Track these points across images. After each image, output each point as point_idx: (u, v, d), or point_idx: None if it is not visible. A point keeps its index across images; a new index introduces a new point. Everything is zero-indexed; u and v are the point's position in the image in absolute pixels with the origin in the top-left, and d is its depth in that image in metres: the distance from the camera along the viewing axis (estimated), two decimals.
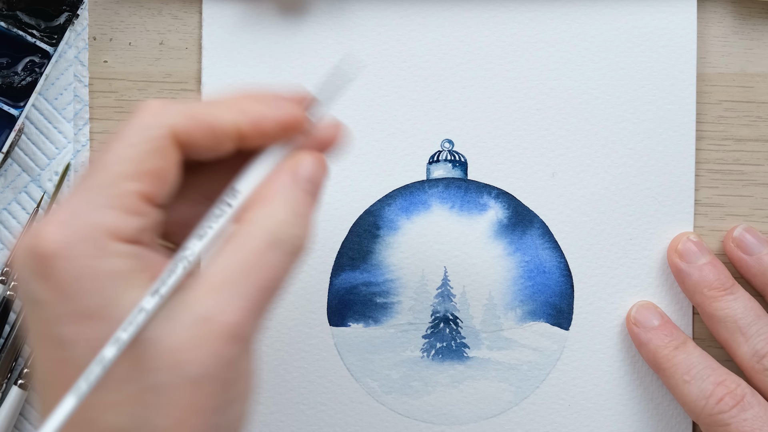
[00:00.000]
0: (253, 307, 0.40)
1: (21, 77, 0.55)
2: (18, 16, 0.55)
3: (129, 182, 0.41)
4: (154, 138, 0.41)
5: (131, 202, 0.41)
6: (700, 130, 0.56)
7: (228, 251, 0.41)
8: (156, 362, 0.39)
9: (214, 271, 0.40)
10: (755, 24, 0.56)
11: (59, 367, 0.40)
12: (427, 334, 0.56)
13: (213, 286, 0.40)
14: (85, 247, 0.39)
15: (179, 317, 0.39)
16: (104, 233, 0.40)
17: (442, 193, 0.56)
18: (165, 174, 0.41)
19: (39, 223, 0.41)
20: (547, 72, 0.56)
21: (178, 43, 0.56)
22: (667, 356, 0.53)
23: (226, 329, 0.39)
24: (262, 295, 0.40)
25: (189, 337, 0.39)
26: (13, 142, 0.54)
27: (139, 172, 0.41)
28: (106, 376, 0.39)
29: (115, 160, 0.41)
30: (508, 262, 0.56)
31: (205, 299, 0.40)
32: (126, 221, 0.40)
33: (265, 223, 0.41)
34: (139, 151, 0.41)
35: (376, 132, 0.56)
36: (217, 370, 0.39)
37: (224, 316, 0.39)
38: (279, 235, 0.41)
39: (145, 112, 0.42)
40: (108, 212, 0.40)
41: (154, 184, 0.41)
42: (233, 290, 0.40)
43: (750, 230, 0.55)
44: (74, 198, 0.41)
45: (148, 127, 0.41)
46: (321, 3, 0.56)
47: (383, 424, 0.56)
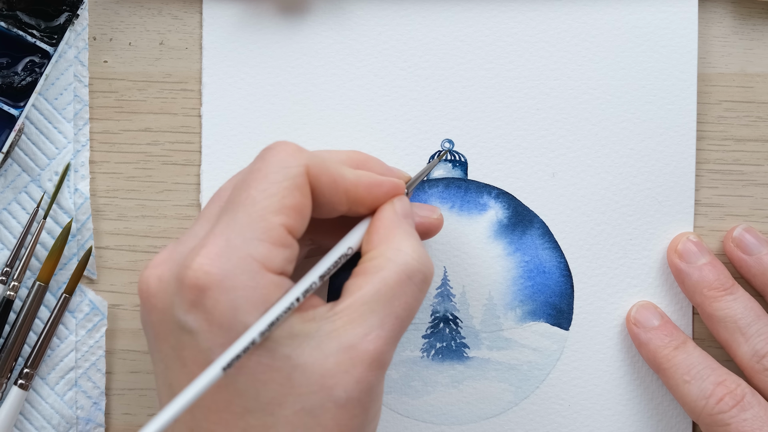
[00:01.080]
0: (391, 335, 0.45)
1: (21, 77, 0.55)
2: (18, 16, 0.55)
3: (276, 216, 0.44)
4: (294, 176, 0.45)
5: (279, 234, 0.44)
6: (700, 130, 0.56)
7: (367, 284, 0.45)
8: (307, 387, 0.43)
9: (355, 302, 0.44)
10: (755, 24, 0.56)
11: (212, 393, 0.44)
12: (426, 334, 0.56)
13: (355, 316, 0.44)
14: (242, 279, 0.43)
15: (326, 345, 0.43)
16: (258, 265, 0.43)
17: (442, 193, 0.56)
18: (304, 209, 0.45)
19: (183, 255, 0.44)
20: (547, 72, 0.56)
21: (178, 43, 0.56)
22: (667, 356, 0.53)
23: (368, 356, 0.44)
24: (398, 324, 0.45)
25: (336, 364, 0.43)
26: (13, 142, 0.54)
27: (285, 206, 0.44)
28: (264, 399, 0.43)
29: (262, 196, 0.44)
30: (507, 262, 0.56)
31: (349, 329, 0.44)
32: (275, 253, 0.44)
33: (398, 256, 0.46)
34: (283, 188, 0.44)
35: (376, 132, 0.56)
36: (361, 394, 0.44)
37: (367, 344, 0.44)
38: (413, 267, 0.46)
39: (283, 152, 0.46)
40: (260, 245, 0.44)
41: (296, 218, 0.45)
42: (375, 320, 0.44)
43: (750, 230, 0.55)
44: (224, 231, 0.44)
45: (288, 166, 0.45)
46: (321, 3, 0.56)
47: (383, 424, 0.56)
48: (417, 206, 0.52)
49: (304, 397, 0.43)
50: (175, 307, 0.44)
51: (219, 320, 0.43)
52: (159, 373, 0.46)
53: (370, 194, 0.48)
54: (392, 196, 0.49)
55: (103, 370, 0.56)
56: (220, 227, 0.44)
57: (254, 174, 0.45)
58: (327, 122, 0.56)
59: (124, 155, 0.56)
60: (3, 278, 0.55)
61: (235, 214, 0.44)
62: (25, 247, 0.55)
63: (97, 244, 0.56)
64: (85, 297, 0.56)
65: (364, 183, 0.47)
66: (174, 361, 0.44)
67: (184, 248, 0.45)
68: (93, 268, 0.56)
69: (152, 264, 0.46)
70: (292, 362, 0.43)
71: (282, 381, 0.43)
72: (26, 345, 0.55)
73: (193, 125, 0.56)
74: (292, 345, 0.43)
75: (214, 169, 0.56)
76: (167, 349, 0.45)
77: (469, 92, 0.56)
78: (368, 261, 0.46)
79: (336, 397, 0.43)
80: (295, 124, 0.56)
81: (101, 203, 0.56)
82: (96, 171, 0.56)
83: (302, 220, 0.45)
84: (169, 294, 0.44)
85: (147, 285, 0.45)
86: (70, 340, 0.56)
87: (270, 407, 0.43)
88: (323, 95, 0.56)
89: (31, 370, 0.55)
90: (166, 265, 0.45)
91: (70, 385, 0.56)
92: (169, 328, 0.44)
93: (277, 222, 0.44)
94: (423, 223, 0.51)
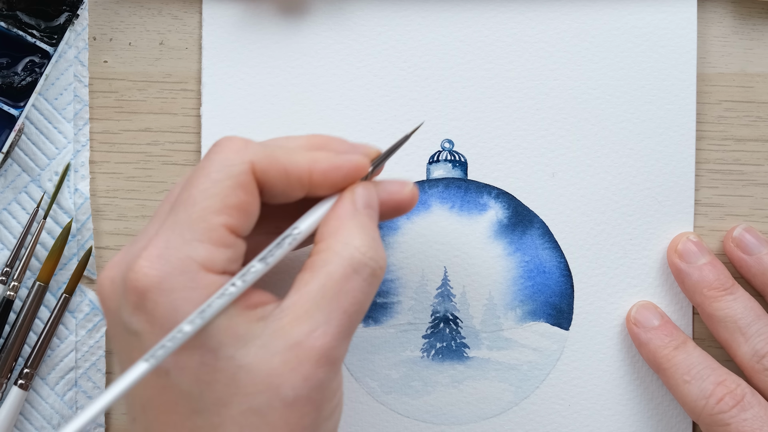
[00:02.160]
0: (340, 331, 0.44)
1: (21, 77, 0.55)
2: (18, 16, 0.55)
3: (217, 216, 0.44)
4: (237, 174, 0.44)
5: (220, 235, 0.44)
6: (700, 130, 0.56)
7: (313, 279, 0.44)
8: (253, 387, 0.42)
9: (300, 298, 0.44)
10: (755, 24, 0.56)
11: (160, 394, 0.43)
12: (427, 334, 0.56)
13: (301, 313, 0.43)
14: (180, 281, 0.43)
15: (272, 344, 0.43)
16: (197, 266, 0.43)
17: (442, 193, 0.56)
18: (248, 207, 0.44)
19: (131, 256, 0.44)
20: (547, 72, 0.56)
21: (178, 43, 0.56)
22: (667, 356, 0.53)
23: (316, 353, 0.43)
24: (347, 319, 0.44)
25: (282, 362, 0.43)
26: (13, 142, 0.54)
27: (226, 206, 0.44)
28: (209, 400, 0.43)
29: (203, 196, 0.44)
30: (508, 262, 0.56)
31: (294, 326, 0.43)
32: (216, 254, 0.43)
33: (345, 250, 0.44)
34: (225, 186, 0.44)
35: (376, 132, 0.56)
36: (310, 392, 0.43)
37: (314, 341, 0.43)
38: (359, 261, 0.44)
39: (227, 149, 0.45)
40: (199, 246, 0.43)
41: (239, 217, 0.44)
42: (321, 316, 0.43)
43: (750, 230, 0.55)
44: (165, 232, 0.44)
45: (231, 164, 0.44)
46: (321, 3, 0.56)
47: (383, 424, 0.56)
48: (387, 182, 0.49)
49: (251, 396, 0.43)
50: (122, 309, 0.44)
51: (160, 321, 0.42)
52: (117, 373, 0.46)
53: (327, 179, 0.46)
54: (354, 178, 0.47)
55: (104, 370, 0.56)
56: (162, 228, 0.44)
57: (198, 173, 0.45)
58: (327, 122, 0.56)
59: (124, 155, 0.56)
60: (3, 278, 0.55)
61: (176, 215, 0.44)
62: (25, 247, 0.55)
63: (97, 244, 0.56)
64: (85, 297, 0.56)
65: (320, 168, 0.46)
66: (126, 362, 0.44)
67: (134, 249, 0.45)
68: (93, 268, 0.56)
69: (107, 266, 0.46)
70: (236, 362, 0.43)
71: (227, 381, 0.43)
72: (26, 345, 0.55)
73: (193, 125, 0.56)
74: (237, 345, 0.43)
75: None
76: (119, 351, 0.45)
77: (469, 92, 0.56)
78: (315, 254, 0.45)
79: (283, 396, 0.43)
80: (295, 124, 0.56)
81: (101, 203, 0.56)
82: (96, 171, 0.56)
83: (247, 218, 0.45)
84: (118, 296, 0.44)
85: (101, 287, 0.45)
86: (70, 340, 0.56)
87: (216, 407, 0.43)
88: (323, 95, 0.56)
89: (31, 370, 0.55)
90: (117, 267, 0.45)
91: (70, 385, 0.56)
92: (119, 329, 0.44)
93: (218, 222, 0.44)
94: (392, 199, 0.48)
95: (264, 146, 0.46)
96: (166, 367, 0.43)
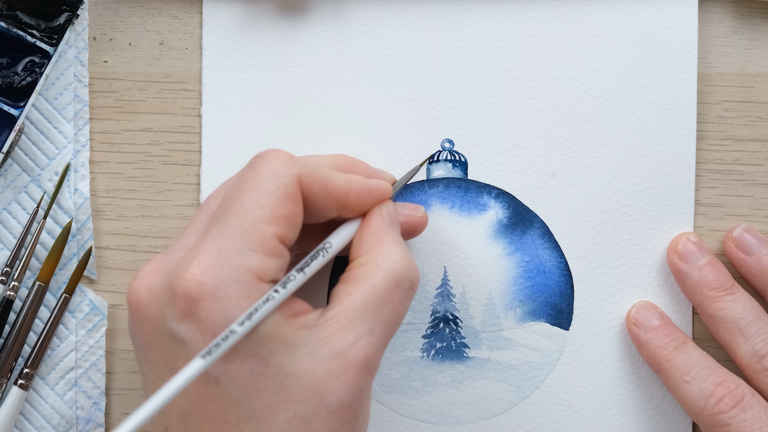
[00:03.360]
0: (380, 341, 0.45)
1: (21, 77, 0.55)
2: (18, 16, 0.55)
3: (269, 226, 0.44)
4: (287, 185, 0.45)
5: (272, 244, 0.44)
6: (700, 130, 0.56)
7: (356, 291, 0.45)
8: (300, 394, 0.44)
9: (345, 309, 0.45)
10: (755, 24, 0.56)
11: (206, 402, 0.44)
12: (426, 334, 0.56)
13: (345, 323, 0.45)
14: (234, 290, 0.43)
15: (318, 352, 0.44)
16: (251, 275, 0.44)
17: (442, 193, 0.56)
18: (296, 218, 0.45)
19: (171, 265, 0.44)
20: (547, 72, 0.56)
21: (178, 43, 0.56)
22: (666, 356, 0.53)
23: (359, 362, 0.44)
24: (387, 330, 0.46)
25: (327, 371, 0.44)
26: (13, 142, 0.54)
27: (277, 216, 0.44)
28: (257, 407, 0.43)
29: (255, 206, 0.44)
30: (507, 262, 0.56)
31: (339, 335, 0.44)
32: (268, 263, 0.44)
33: (386, 263, 0.46)
34: (276, 197, 0.45)
35: (376, 132, 0.56)
36: (351, 400, 0.44)
37: (358, 351, 0.44)
38: (401, 274, 0.46)
39: (276, 160, 0.46)
40: (252, 255, 0.44)
41: (288, 228, 0.45)
42: (364, 326, 0.45)
43: (750, 230, 0.55)
44: (215, 241, 0.44)
45: (281, 175, 0.45)
46: (321, 3, 0.56)
47: (383, 424, 0.56)
48: (401, 205, 0.52)
49: (297, 404, 0.43)
50: (167, 317, 0.44)
51: (212, 330, 0.43)
52: (149, 383, 0.46)
53: (360, 200, 0.48)
54: (380, 201, 0.49)
55: (103, 370, 0.56)
56: (211, 237, 0.44)
57: (246, 183, 0.45)
58: (327, 122, 0.56)
59: (124, 155, 0.56)
60: (3, 278, 0.55)
61: (227, 224, 0.44)
62: (25, 247, 0.55)
63: (97, 244, 0.56)
64: (85, 297, 0.56)
65: (355, 189, 0.48)
66: (166, 371, 0.44)
67: (174, 258, 0.45)
68: (93, 268, 0.56)
69: (141, 274, 0.46)
70: (285, 370, 0.43)
71: (275, 389, 0.43)
72: (26, 345, 0.55)
73: (193, 125, 0.56)
74: (285, 353, 0.44)
75: (214, 169, 0.56)
76: (158, 359, 0.45)
77: (469, 92, 0.56)
78: (357, 267, 0.46)
79: (328, 404, 0.44)
80: (295, 124, 0.56)
81: (101, 203, 0.56)
82: (96, 171, 0.56)
83: (294, 229, 0.46)
84: (160, 304, 0.44)
85: (137, 295, 0.45)
86: (70, 340, 0.56)
87: (264, 415, 0.43)
88: (323, 95, 0.56)
89: (31, 370, 0.55)
90: (156, 275, 0.45)
91: (70, 385, 0.56)
92: (160, 338, 0.44)
93: (270, 232, 0.44)
94: (408, 222, 0.52)
95: (306, 162, 0.47)
96: (217, 375, 0.43)
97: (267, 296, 0.44)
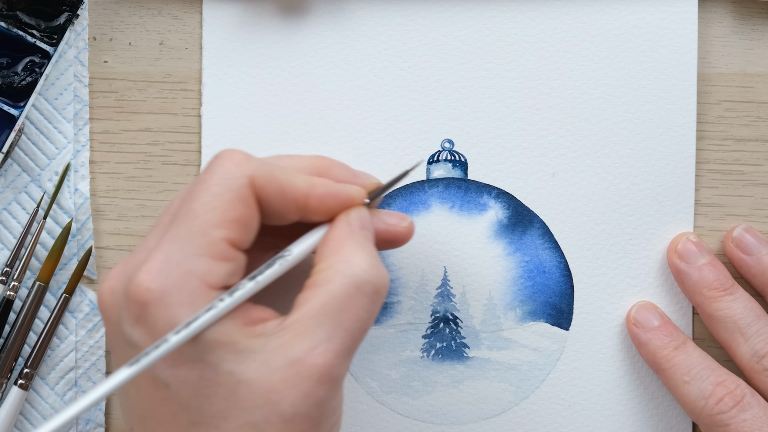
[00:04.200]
0: (341, 349, 0.43)
1: (21, 77, 0.55)
2: (18, 16, 0.55)
3: (218, 230, 0.44)
4: (237, 187, 0.44)
5: (221, 248, 0.44)
6: (700, 130, 0.56)
7: (314, 297, 0.44)
8: (252, 402, 0.43)
9: (302, 315, 0.43)
10: (755, 24, 0.56)
11: (159, 405, 0.43)
12: (426, 334, 0.56)
13: (302, 330, 0.43)
14: (181, 295, 0.43)
15: (273, 360, 0.43)
16: (198, 281, 0.43)
17: (442, 193, 0.56)
18: (248, 221, 0.44)
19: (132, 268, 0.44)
20: (547, 72, 0.56)
21: (178, 43, 0.56)
22: (666, 357, 0.53)
23: (316, 371, 0.43)
24: (349, 337, 0.44)
25: (282, 379, 0.43)
26: (13, 142, 0.54)
27: (227, 219, 0.44)
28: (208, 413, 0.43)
29: (203, 209, 0.44)
30: (508, 262, 0.56)
31: (295, 343, 0.43)
32: (217, 268, 0.44)
33: (346, 267, 0.44)
34: (225, 200, 0.44)
35: (376, 132, 0.56)
36: (309, 410, 0.43)
37: (315, 359, 0.43)
38: (361, 277, 0.44)
39: (228, 162, 0.45)
40: (200, 260, 0.43)
41: (239, 231, 0.44)
42: (322, 333, 0.43)
43: (750, 230, 0.55)
44: (165, 245, 0.44)
45: (231, 177, 0.44)
46: (321, 3, 0.56)
47: (383, 424, 0.56)
48: (386, 213, 0.50)
49: (249, 411, 0.43)
50: (123, 320, 0.44)
51: (160, 334, 0.43)
52: None
53: (323, 205, 0.46)
54: (348, 207, 0.47)
55: (104, 370, 0.56)
56: (163, 241, 0.44)
57: (198, 186, 0.45)
58: (327, 122, 0.56)
59: (124, 155, 0.56)
60: (3, 278, 0.55)
61: (177, 228, 0.44)
62: (25, 247, 0.55)
63: (97, 244, 0.56)
64: (85, 297, 0.56)
65: (317, 193, 0.46)
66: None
67: (135, 261, 0.45)
68: (93, 268, 0.56)
69: (108, 277, 0.46)
70: (236, 377, 0.43)
71: (226, 395, 0.43)
72: (26, 345, 0.55)
73: (193, 125, 0.56)
74: (236, 360, 0.43)
75: None
76: (120, 362, 0.45)
77: (469, 92, 0.56)
78: (317, 273, 0.45)
79: (282, 412, 0.43)
80: (295, 124, 0.56)
81: (101, 203, 0.56)
82: (96, 171, 0.56)
83: (247, 231, 0.45)
84: (119, 308, 0.44)
85: (102, 298, 0.45)
86: (70, 340, 0.56)
87: (214, 420, 0.43)
88: (323, 95, 0.56)
89: (31, 370, 0.55)
90: (117, 278, 0.45)
91: (70, 385, 0.56)
92: (119, 340, 0.44)
93: (219, 236, 0.44)
94: (389, 231, 0.50)
95: (264, 163, 0.46)
96: (166, 380, 0.43)
97: (210, 305, 0.43)
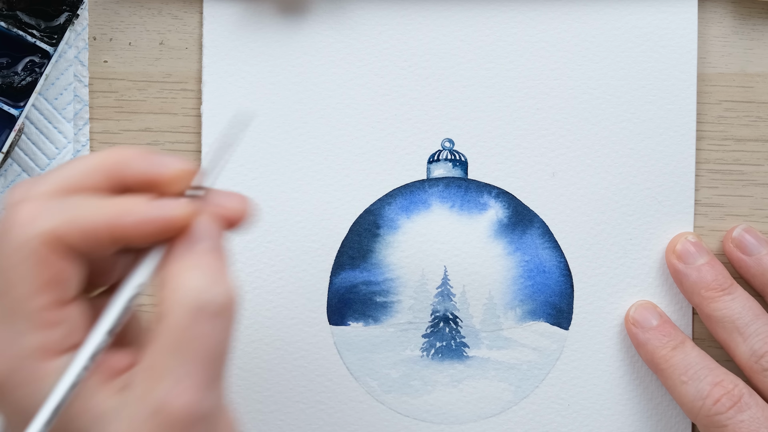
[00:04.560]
0: (201, 381, 0.39)
1: (21, 77, 0.55)
2: (18, 16, 0.55)
3: (33, 300, 0.40)
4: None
5: (45, 317, 0.40)
6: (700, 130, 0.56)
7: (160, 333, 0.39)
8: None
9: (152, 357, 0.39)
10: (755, 24, 0.56)
11: None
12: (426, 333, 0.56)
13: (158, 372, 0.39)
14: (21, 377, 0.40)
15: (138, 414, 0.39)
16: (34, 357, 0.40)
17: (442, 192, 0.56)
18: (63, 274, 0.40)
19: None
20: (547, 72, 0.56)
21: (178, 43, 0.56)
22: (664, 356, 0.53)
23: (181, 414, 0.39)
24: (206, 366, 0.39)
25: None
26: (13, 142, 0.55)
27: (37, 286, 0.40)
28: None
29: (8, 285, 0.40)
30: (508, 261, 0.56)
31: (152, 389, 0.39)
32: (50, 336, 0.40)
33: (183, 295, 0.39)
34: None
35: (376, 132, 0.56)
36: None
37: (175, 401, 0.39)
38: (202, 301, 0.39)
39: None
40: (29, 335, 0.40)
41: (59, 289, 0.40)
42: (176, 371, 0.39)
43: (749, 230, 0.55)
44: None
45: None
46: (321, 3, 0.56)
47: (383, 424, 0.56)
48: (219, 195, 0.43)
49: None
50: None
51: (20, 412, 0.40)
52: None
53: (140, 232, 0.40)
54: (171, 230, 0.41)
55: None
56: None
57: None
58: (327, 122, 0.56)
59: None
60: None
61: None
62: None
63: None
64: None
65: (128, 223, 0.40)
66: None
67: None
68: None
69: None
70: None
71: None
72: None
73: (193, 125, 0.56)
74: (99, 426, 0.39)
75: None
76: None
77: (469, 92, 0.56)
78: (159, 305, 0.40)
79: None
80: (295, 124, 0.56)
81: None
82: None
83: (67, 285, 0.40)
84: None
85: None
86: None
87: None
88: (323, 95, 0.56)
89: None
90: None
91: None
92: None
93: (37, 306, 0.40)
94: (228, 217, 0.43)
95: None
96: None
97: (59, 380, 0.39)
